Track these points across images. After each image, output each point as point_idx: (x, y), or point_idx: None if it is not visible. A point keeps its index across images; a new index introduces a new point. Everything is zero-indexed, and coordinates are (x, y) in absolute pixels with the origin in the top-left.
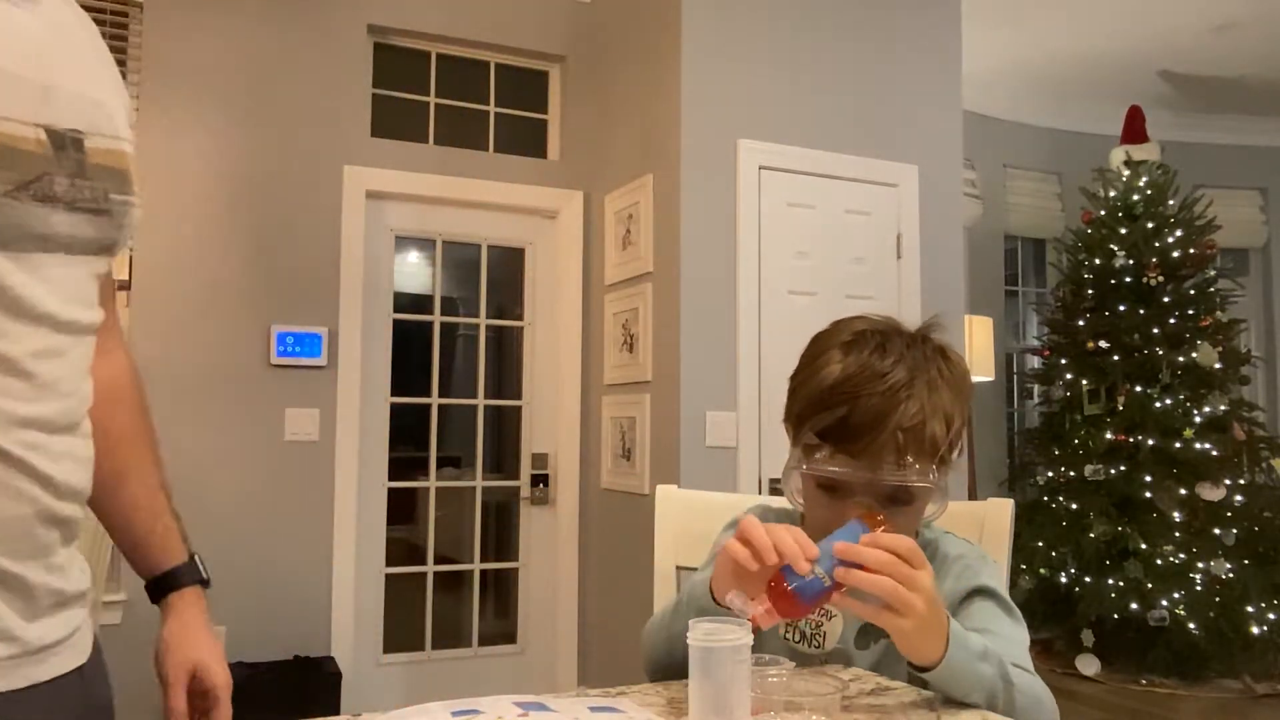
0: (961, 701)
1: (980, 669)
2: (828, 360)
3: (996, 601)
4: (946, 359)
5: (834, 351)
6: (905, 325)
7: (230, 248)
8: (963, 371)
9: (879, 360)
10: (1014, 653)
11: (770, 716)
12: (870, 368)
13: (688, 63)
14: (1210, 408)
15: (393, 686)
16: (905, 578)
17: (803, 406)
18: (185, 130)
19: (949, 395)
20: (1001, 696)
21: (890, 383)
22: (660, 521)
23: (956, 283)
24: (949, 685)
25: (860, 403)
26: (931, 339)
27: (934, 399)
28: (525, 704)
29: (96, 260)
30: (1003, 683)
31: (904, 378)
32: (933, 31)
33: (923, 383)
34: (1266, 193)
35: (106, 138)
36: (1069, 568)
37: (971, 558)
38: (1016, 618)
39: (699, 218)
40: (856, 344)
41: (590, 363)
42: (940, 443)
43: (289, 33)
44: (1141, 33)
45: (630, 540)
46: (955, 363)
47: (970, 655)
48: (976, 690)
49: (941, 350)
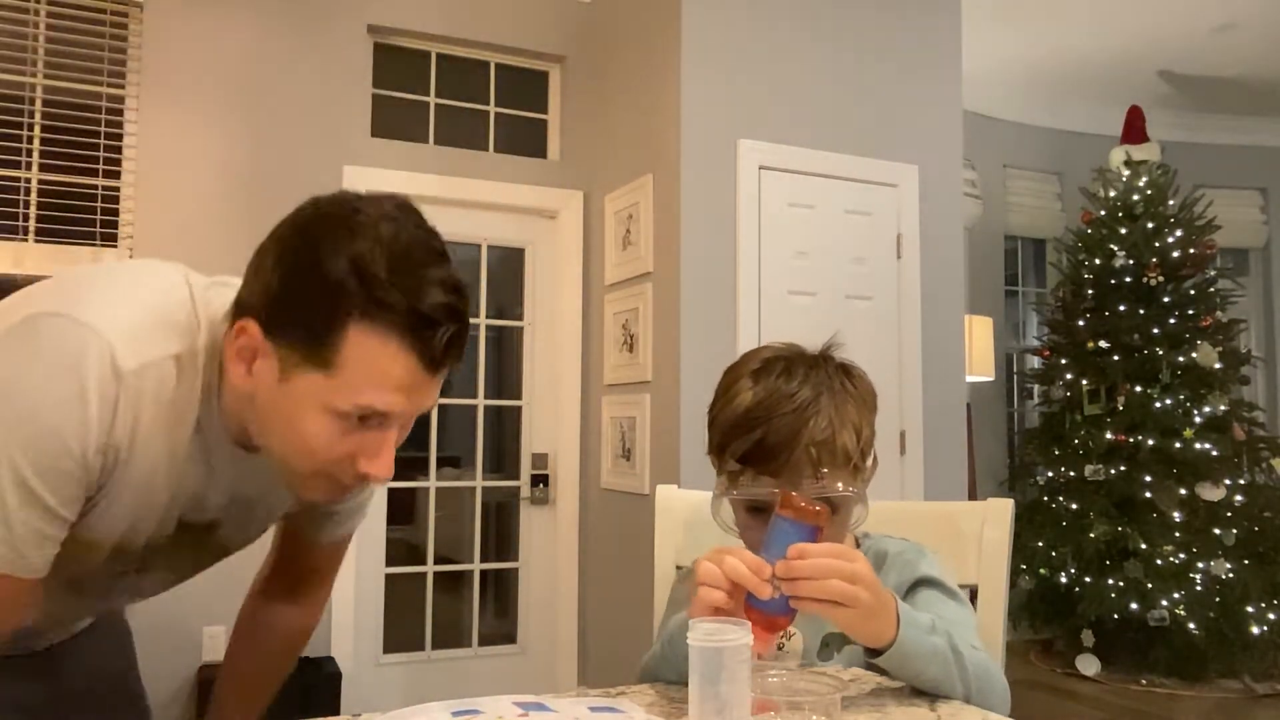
0: (917, 676)
1: (932, 641)
2: (739, 389)
3: (938, 589)
4: (849, 375)
5: (744, 380)
6: (808, 350)
7: (230, 248)
8: (866, 386)
9: (785, 383)
10: (962, 634)
11: (770, 716)
12: (778, 390)
13: (688, 63)
14: (1210, 408)
15: (393, 686)
16: (847, 575)
17: (721, 435)
18: (185, 130)
19: (855, 408)
20: (954, 665)
21: (798, 402)
22: (660, 521)
23: (956, 283)
24: (905, 662)
25: (773, 424)
26: (834, 359)
27: (841, 413)
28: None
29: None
30: (953, 653)
31: (810, 396)
32: (933, 31)
33: (828, 399)
34: (1266, 193)
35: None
36: (1069, 568)
37: (910, 553)
38: (960, 600)
39: (699, 218)
40: (764, 371)
41: (590, 363)
42: (852, 453)
43: (289, 33)
44: (1141, 33)
45: (630, 540)
46: (858, 378)
47: (920, 631)
48: (932, 662)
49: (844, 368)
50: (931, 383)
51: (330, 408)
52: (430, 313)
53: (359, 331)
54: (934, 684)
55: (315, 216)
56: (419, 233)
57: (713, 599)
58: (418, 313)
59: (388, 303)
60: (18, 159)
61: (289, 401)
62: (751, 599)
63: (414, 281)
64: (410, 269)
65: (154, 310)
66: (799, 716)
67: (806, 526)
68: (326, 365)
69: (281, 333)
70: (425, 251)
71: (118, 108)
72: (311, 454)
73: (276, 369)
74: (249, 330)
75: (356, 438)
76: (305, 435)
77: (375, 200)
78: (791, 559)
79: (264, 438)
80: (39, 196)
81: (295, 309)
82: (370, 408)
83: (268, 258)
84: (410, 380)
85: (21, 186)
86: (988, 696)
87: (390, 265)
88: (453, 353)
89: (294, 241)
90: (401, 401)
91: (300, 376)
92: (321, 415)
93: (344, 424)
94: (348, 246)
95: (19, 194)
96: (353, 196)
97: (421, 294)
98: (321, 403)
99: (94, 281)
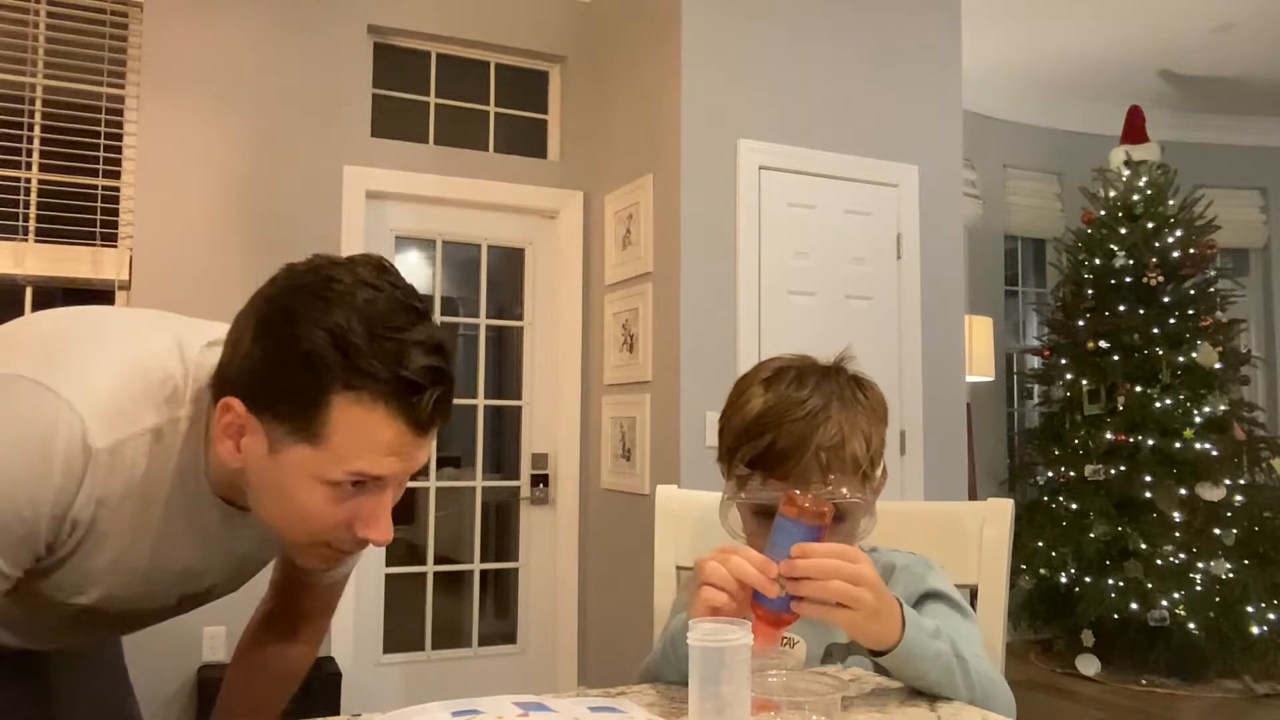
0: (920, 679)
1: (936, 646)
2: (750, 396)
3: (946, 602)
4: (861, 386)
5: (755, 388)
6: (820, 361)
7: (230, 247)
8: (877, 396)
9: (796, 391)
10: (970, 647)
11: (770, 716)
12: (789, 398)
13: (688, 63)
14: (1210, 408)
15: (393, 686)
16: (850, 575)
17: (731, 440)
18: (185, 130)
19: (865, 417)
20: (958, 671)
21: (809, 408)
22: (660, 521)
23: (956, 283)
24: (909, 664)
25: (783, 429)
26: (846, 370)
27: (851, 420)
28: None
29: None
30: (957, 659)
31: (821, 403)
32: (933, 31)
33: (839, 407)
34: (1266, 193)
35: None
36: (1069, 568)
37: (917, 566)
38: (968, 615)
39: (699, 218)
40: (776, 379)
41: (590, 363)
42: (862, 460)
43: (289, 33)
44: (1141, 33)
45: (630, 540)
46: (870, 389)
47: (924, 634)
48: (935, 665)
49: (855, 379)
50: (931, 383)
51: (323, 478)
52: (415, 377)
53: (344, 402)
54: (936, 687)
55: (290, 288)
56: (396, 294)
57: (716, 600)
58: (402, 379)
59: (371, 372)
60: (18, 159)
61: (281, 474)
62: (758, 596)
63: (395, 347)
64: (390, 335)
65: (136, 380)
66: (799, 716)
67: (810, 526)
68: (315, 438)
69: (267, 408)
70: (404, 314)
71: (118, 108)
72: (308, 524)
73: (265, 443)
74: (234, 408)
75: (352, 504)
76: (300, 506)
77: (349, 265)
78: (795, 558)
79: (258, 508)
80: (39, 196)
81: (278, 384)
82: (363, 474)
83: (246, 333)
84: (400, 444)
85: (21, 186)
86: (992, 706)
87: (370, 334)
88: (440, 413)
89: (271, 316)
90: (394, 464)
91: (289, 449)
92: (315, 486)
93: (338, 492)
94: (324, 318)
95: (19, 194)
96: (326, 263)
97: (404, 360)
98: (313, 474)
99: (79, 343)
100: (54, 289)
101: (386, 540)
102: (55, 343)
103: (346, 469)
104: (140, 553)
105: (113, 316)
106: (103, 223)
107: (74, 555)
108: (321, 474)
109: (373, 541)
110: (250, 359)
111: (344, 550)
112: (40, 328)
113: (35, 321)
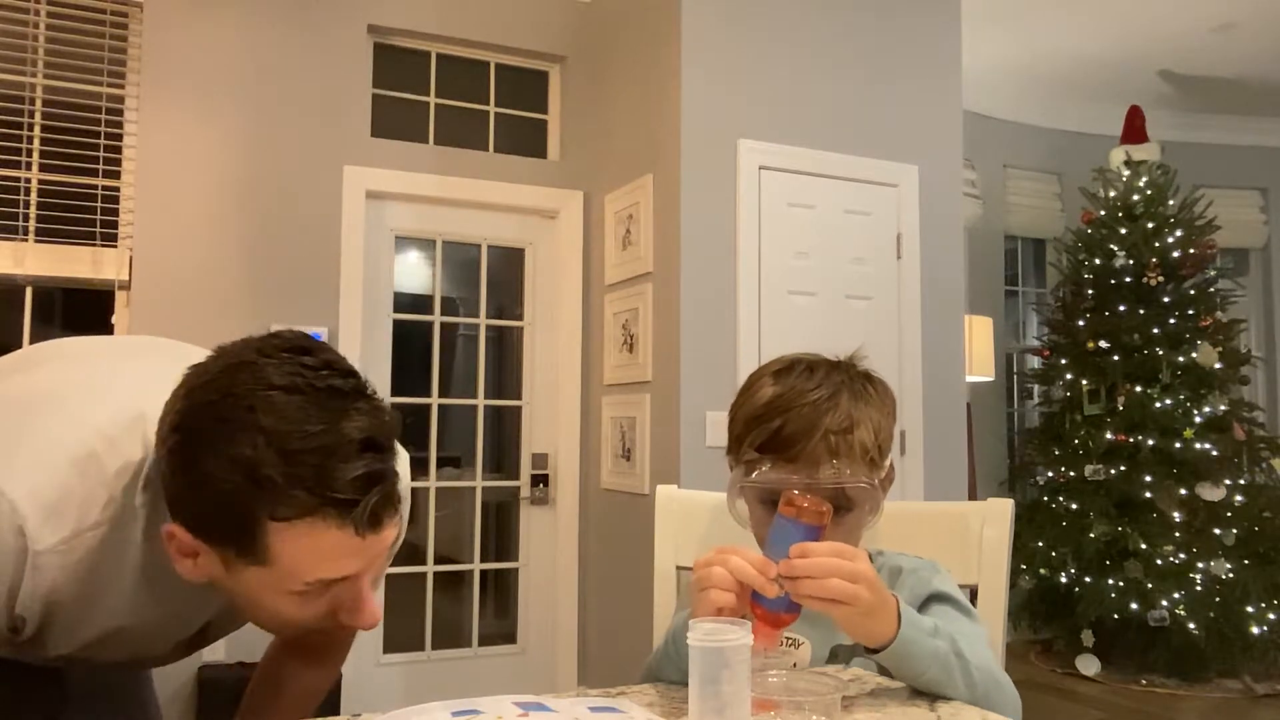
0: (919, 677)
1: (934, 644)
2: (761, 386)
3: (951, 604)
4: (870, 380)
5: (766, 379)
6: (829, 357)
7: (230, 247)
8: (886, 391)
9: (806, 381)
10: (973, 648)
11: (770, 716)
12: (799, 386)
13: (688, 63)
14: (1210, 408)
15: (392, 687)
16: (848, 573)
17: (741, 428)
18: (185, 130)
19: (875, 408)
20: (957, 670)
21: (818, 395)
22: (660, 521)
23: (956, 283)
24: (904, 661)
25: (792, 414)
26: (855, 365)
27: (859, 409)
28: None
29: None
30: (956, 658)
31: (830, 391)
32: (933, 31)
33: (848, 396)
34: (1266, 193)
35: None
36: (1069, 568)
37: (923, 570)
38: (974, 617)
39: (699, 218)
40: (786, 371)
41: (590, 363)
42: (870, 448)
43: (289, 33)
44: (1141, 33)
45: (630, 540)
46: (878, 383)
47: (921, 632)
48: (932, 663)
49: (865, 373)
50: (931, 383)
51: (285, 590)
52: (343, 494)
53: (278, 529)
54: (935, 686)
55: (191, 409)
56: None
57: (721, 601)
58: (331, 499)
59: (294, 502)
60: (18, 159)
61: (245, 588)
62: (757, 596)
63: (315, 468)
64: (307, 453)
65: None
66: (799, 716)
67: (809, 526)
68: (263, 561)
69: (208, 536)
70: (321, 413)
71: (118, 108)
72: (289, 625)
73: (220, 563)
74: (178, 535)
75: (328, 598)
76: (275, 613)
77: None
78: (794, 558)
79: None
80: (39, 196)
81: (207, 517)
82: (321, 580)
83: (164, 459)
84: (350, 548)
85: (21, 186)
86: (995, 706)
87: (283, 458)
88: (388, 510)
89: (180, 448)
90: (352, 565)
91: (244, 570)
92: (281, 597)
93: (308, 594)
94: (230, 448)
95: (19, 194)
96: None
97: (326, 480)
98: (274, 588)
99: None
100: (54, 289)
101: (374, 624)
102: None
103: (305, 580)
104: (114, 623)
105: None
106: (103, 223)
107: (41, 635)
108: (283, 588)
109: (359, 627)
110: (173, 489)
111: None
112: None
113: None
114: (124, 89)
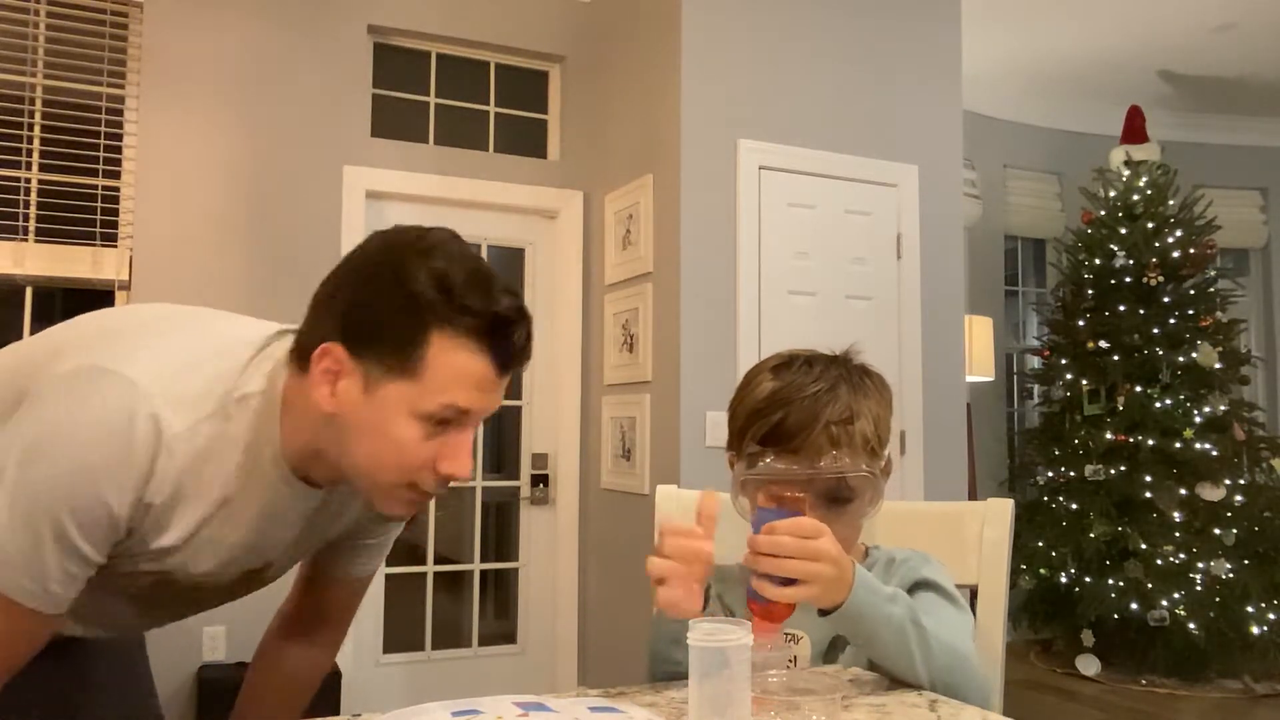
0: (872, 642)
1: (888, 609)
2: (760, 380)
3: (937, 591)
4: (867, 373)
5: (765, 373)
6: (826, 352)
7: (230, 247)
8: (883, 382)
9: (806, 374)
10: (956, 635)
11: (770, 716)
12: (799, 380)
13: (688, 63)
14: (1210, 408)
15: (393, 686)
16: (809, 552)
17: (742, 422)
18: (185, 130)
19: (874, 399)
20: (913, 637)
21: (818, 388)
22: (660, 521)
23: (956, 283)
24: (858, 624)
25: (793, 406)
26: (852, 359)
27: (859, 400)
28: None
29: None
30: (913, 625)
31: (829, 384)
32: (933, 31)
33: (847, 388)
34: (1266, 193)
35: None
36: (1069, 568)
37: (915, 560)
38: (959, 605)
39: (699, 218)
40: (785, 366)
41: (590, 363)
42: (870, 439)
43: (289, 33)
44: (1141, 33)
45: (630, 540)
46: (875, 376)
47: (877, 597)
48: (885, 627)
49: (863, 367)
50: (931, 383)
51: (417, 412)
52: (506, 314)
53: (441, 338)
54: (890, 653)
55: (389, 244)
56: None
57: (671, 598)
58: (495, 315)
59: (470, 309)
60: (18, 159)
61: (376, 413)
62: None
63: (487, 290)
64: (481, 281)
65: (207, 364)
66: (799, 716)
67: (784, 512)
68: (412, 373)
69: (366, 349)
70: (487, 267)
71: (118, 108)
72: (400, 458)
73: (361, 384)
74: (333, 352)
75: (438, 441)
76: (393, 440)
77: (434, 229)
78: (761, 534)
79: (348, 456)
80: (39, 196)
81: (379, 325)
82: (454, 406)
83: (344, 286)
84: (487, 380)
85: (21, 186)
86: (959, 683)
87: (466, 278)
88: (524, 352)
89: (374, 264)
90: (481, 399)
91: (386, 386)
92: (408, 421)
93: (428, 427)
94: (427, 264)
95: (19, 194)
96: (414, 226)
97: (495, 300)
98: (409, 408)
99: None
100: (54, 289)
101: (467, 474)
102: (126, 333)
103: (441, 401)
104: (211, 527)
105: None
106: (103, 223)
107: (149, 533)
108: (416, 407)
109: (455, 475)
110: (350, 306)
111: (426, 491)
112: (103, 323)
113: (99, 317)
114: (124, 89)
